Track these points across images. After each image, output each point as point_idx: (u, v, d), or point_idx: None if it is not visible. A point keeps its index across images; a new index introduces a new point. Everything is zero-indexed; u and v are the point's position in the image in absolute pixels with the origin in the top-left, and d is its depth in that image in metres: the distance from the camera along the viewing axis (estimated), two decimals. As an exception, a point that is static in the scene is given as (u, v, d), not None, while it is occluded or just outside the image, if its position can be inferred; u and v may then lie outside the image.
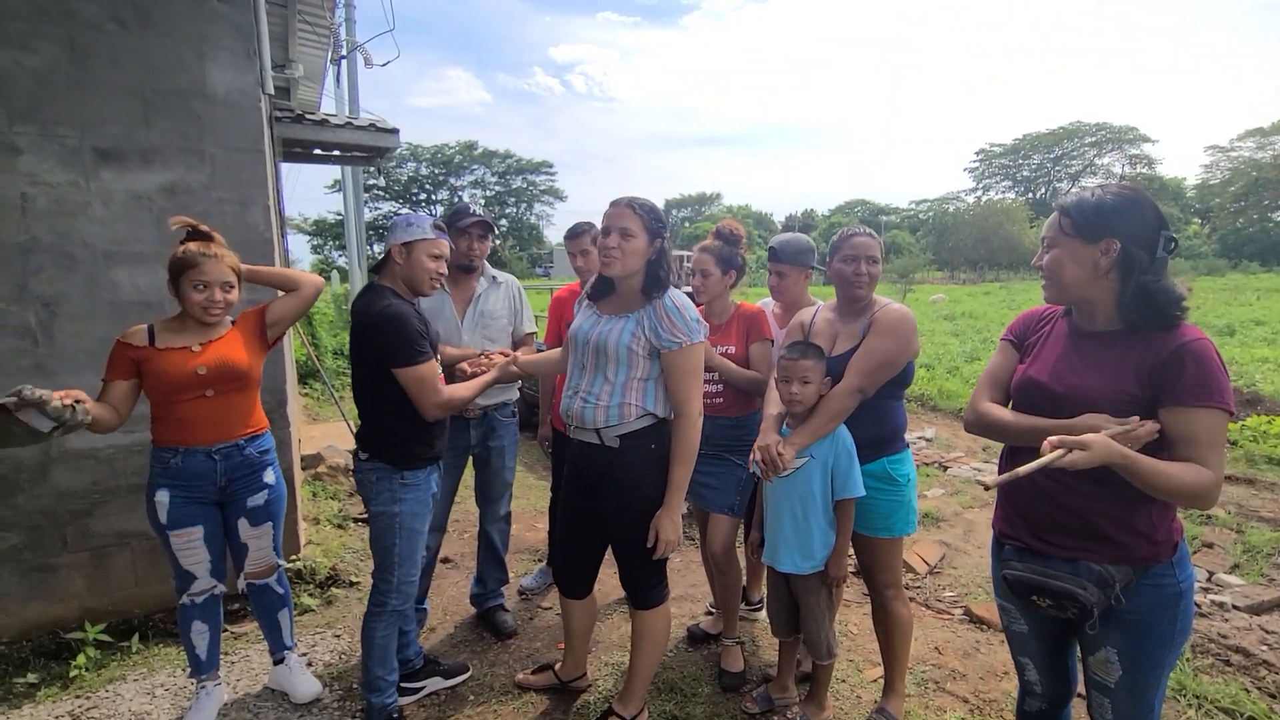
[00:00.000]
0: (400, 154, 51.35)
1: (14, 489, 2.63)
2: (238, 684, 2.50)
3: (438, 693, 2.46)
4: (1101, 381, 1.40)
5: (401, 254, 2.11)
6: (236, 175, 2.87)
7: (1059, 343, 1.54)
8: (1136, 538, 1.39)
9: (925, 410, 7.43)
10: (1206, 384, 1.30)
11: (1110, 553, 1.39)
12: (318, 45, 5.10)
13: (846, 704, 2.39)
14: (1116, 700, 1.46)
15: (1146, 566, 1.40)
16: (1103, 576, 1.37)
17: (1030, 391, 1.53)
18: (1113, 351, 1.42)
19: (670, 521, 1.98)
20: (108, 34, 2.61)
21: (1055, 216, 1.50)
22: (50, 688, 2.46)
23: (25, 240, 2.56)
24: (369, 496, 2.12)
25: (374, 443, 2.11)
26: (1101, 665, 1.46)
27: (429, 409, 2.05)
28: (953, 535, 3.94)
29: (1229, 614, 2.99)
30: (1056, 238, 1.48)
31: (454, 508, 2.91)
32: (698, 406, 1.98)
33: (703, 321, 2.01)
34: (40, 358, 2.61)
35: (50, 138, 2.56)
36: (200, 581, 2.21)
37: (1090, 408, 1.38)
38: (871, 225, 3.33)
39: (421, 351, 2.02)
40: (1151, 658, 1.41)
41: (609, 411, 1.97)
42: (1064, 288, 1.49)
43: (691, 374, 1.96)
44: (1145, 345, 1.38)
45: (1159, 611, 1.40)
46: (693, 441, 1.97)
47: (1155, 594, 1.40)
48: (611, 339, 1.96)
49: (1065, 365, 1.49)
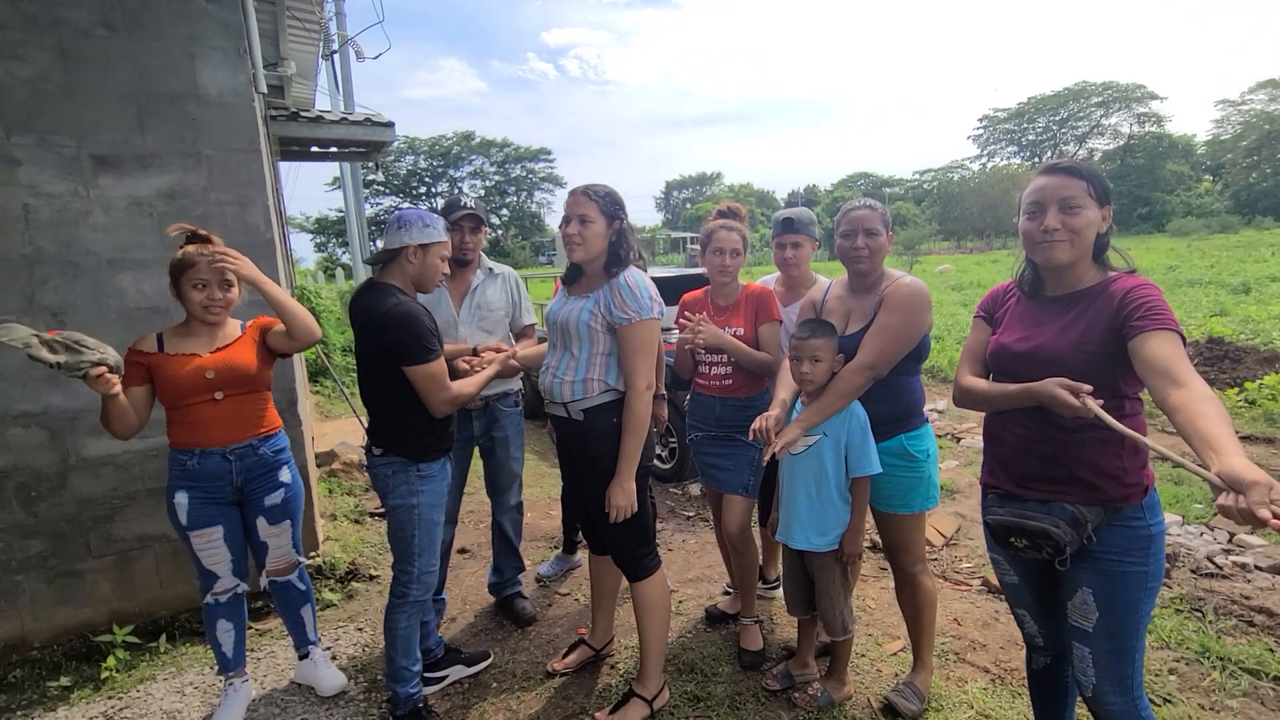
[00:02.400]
0: (397, 148, 51.12)
1: (35, 497, 2.67)
2: (264, 679, 2.55)
3: (461, 681, 2.49)
4: (1068, 340, 1.50)
5: (417, 255, 2.12)
6: (234, 176, 2.86)
7: (1026, 311, 1.63)
8: (1108, 479, 1.47)
9: (936, 382, 7.39)
10: (1157, 312, 1.38)
11: (1083, 494, 1.48)
12: (308, 41, 5.05)
13: (867, 678, 2.40)
14: (1097, 649, 1.52)
15: (1118, 508, 1.48)
16: (1075, 516, 1.46)
17: (1000, 357, 1.62)
18: (1079, 308, 1.52)
19: (620, 489, 2.02)
20: (98, 40, 2.60)
21: (1065, 179, 1.51)
22: (83, 690, 2.51)
23: (30, 252, 2.57)
24: (386, 491, 2.13)
25: (388, 438, 2.12)
26: (1079, 609, 1.54)
27: (438, 405, 2.06)
28: (968, 506, 3.93)
29: (1251, 574, 2.97)
30: (1082, 199, 1.49)
31: (469, 499, 2.93)
32: (646, 380, 2.02)
33: (657, 299, 2.05)
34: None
35: (48, 147, 2.56)
36: (223, 581, 2.24)
37: (1054, 365, 1.47)
38: (876, 198, 3.29)
39: (432, 350, 2.02)
40: (1126, 600, 1.49)
41: (574, 386, 2.07)
42: (1085, 248, 1.52)
43: (639, 349, 2.01)
44: (1103, 296, 1.49)
45: (1131, 552, 1.48)
46: (639, 413, 2.01)
47: (1127, 534, 1.48)
48: (573, 317, 2.07)
49: (1033, 329, 1.58)
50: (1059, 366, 1.45)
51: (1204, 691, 2.26)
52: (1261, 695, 2.24)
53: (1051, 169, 1.55)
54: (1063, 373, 1.41)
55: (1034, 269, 1.63)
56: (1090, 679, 1.53)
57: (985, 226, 45.56)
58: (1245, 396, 5.34)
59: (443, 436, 2.17)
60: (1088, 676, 1.54)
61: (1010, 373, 1.57)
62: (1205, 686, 2.29)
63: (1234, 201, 46.60)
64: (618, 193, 2.10)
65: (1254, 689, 2.27)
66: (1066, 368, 1.44)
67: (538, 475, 4.96)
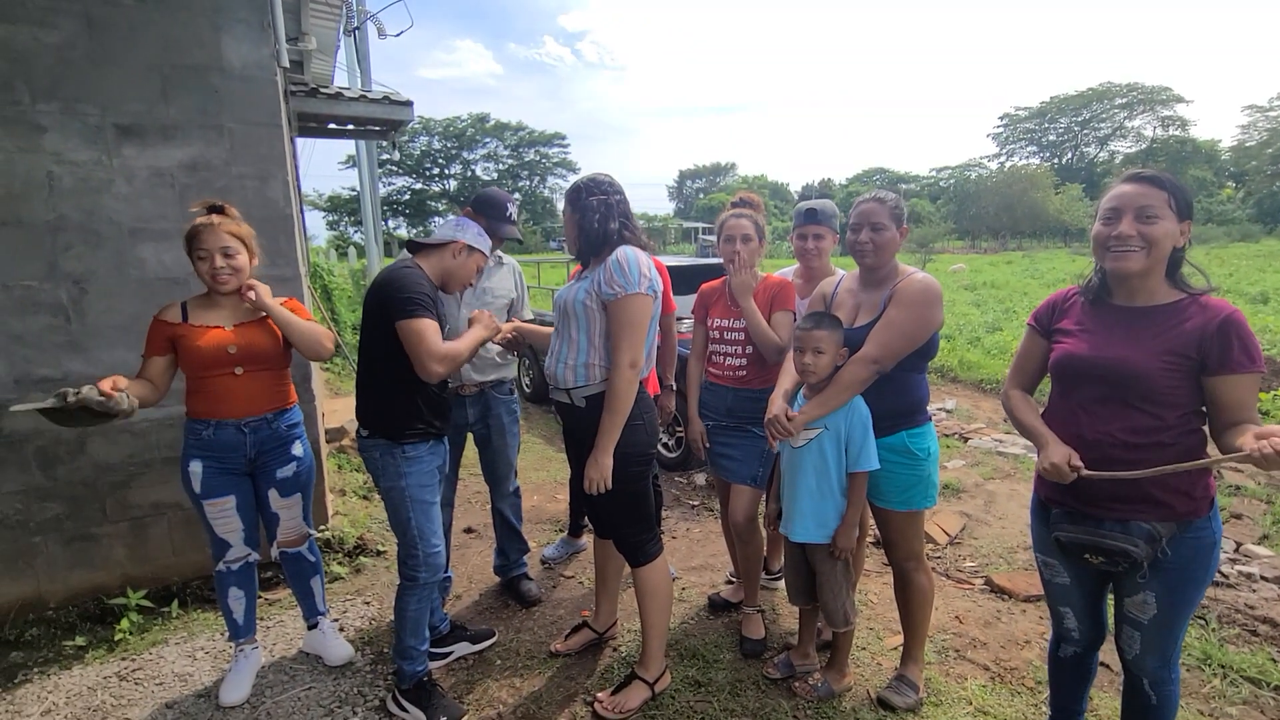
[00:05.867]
0: (412, 128, 51.06)
1: (54, 461, 2.72)
2: (274, 648, 2.60)
3: (465, 657, 2.53)
4: (1147, 352, 1.50)
5: (461, 253, 2.17)
6: (255, 150, 2.87)
7: (1094, 319, 1.63)
8: (1180, 496, 1.51)
9: (946, 381, 7.35)
10: (1250, 352, 1.44)
11: (1157, 512, 1.51)
12: (329, 17, 5.03)
13: (867, 670, 2.42)
14: (1147, 634, 1.61)
15: (1189, 521, 1.52)
16: (1151, 534, 1.51)
17: (1072, 367, 1.62)
18: (1156, 325, 1.52)
19: (594, 463, 2.01)
20: (124, 9, 2.60)
21: (1146, 188, 1.49)
22: (97, 650, 2.57)
23: (54, 219, 2.60)
24: (377, 473, 2.14)
25: (373, 418, 2.11)
26: (1138, 606, 1.60)
27: (428, 364, 1.96)
28: (973, 506, 3.93)
29: (1256, 584, 2.97)
30: (1161, 209, 1.48)
31: (476, 479, 2.95)
32: (630, 357, 1.98)
33: (648, 276, 2.03)
34: (73, 334, 2.67)
35: (73, 115, 2.58)
36: (235, 549, 2.28)
37: (1138, 378, 1.49)
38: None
39: (424, 307, 1.98)
40: (1185, 599, 1.57)
41: (575, 371, 2.08)
42: (1159, 259, 1.51)
43: (627, 324, 1.99)
44: (1189, 318, 1.49)
45: (1197, 559, 1.54)
46: (619, 390, 1.98)
47: (1195, 544, 1.53)
48: (570, 297, 2.10)
49: (1105, 339, 1.58)
50: (1142, 380, 1.49)
51: (1204, 698, 2.27)
52: (1262, 704, 2.24)
53: (1134, 177, 1.53)
54: (1144, 386, 1.48)
55: (1102, 277, 1.63)
56: (1135, 649, 1.64)
57: (1001, 227, 45.04)
58: (1260, 408, 5.29)
59: (428, 420, 2.13)
60: (1132, 648, 1.64)
61: (1082, 383, 1.59)
62: (1205, 693, 2.29)
63: (1256, 209, 45.80)
64: (585, 181, 2.15)
65: (1254, 697, 2.27)
66: (1150, 381, 1.48)
67: (544, 459, 4.99)
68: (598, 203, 2.09)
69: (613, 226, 2.08)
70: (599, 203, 2.09)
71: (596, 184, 2.13)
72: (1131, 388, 1.50)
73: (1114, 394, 1.53)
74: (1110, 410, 1.53)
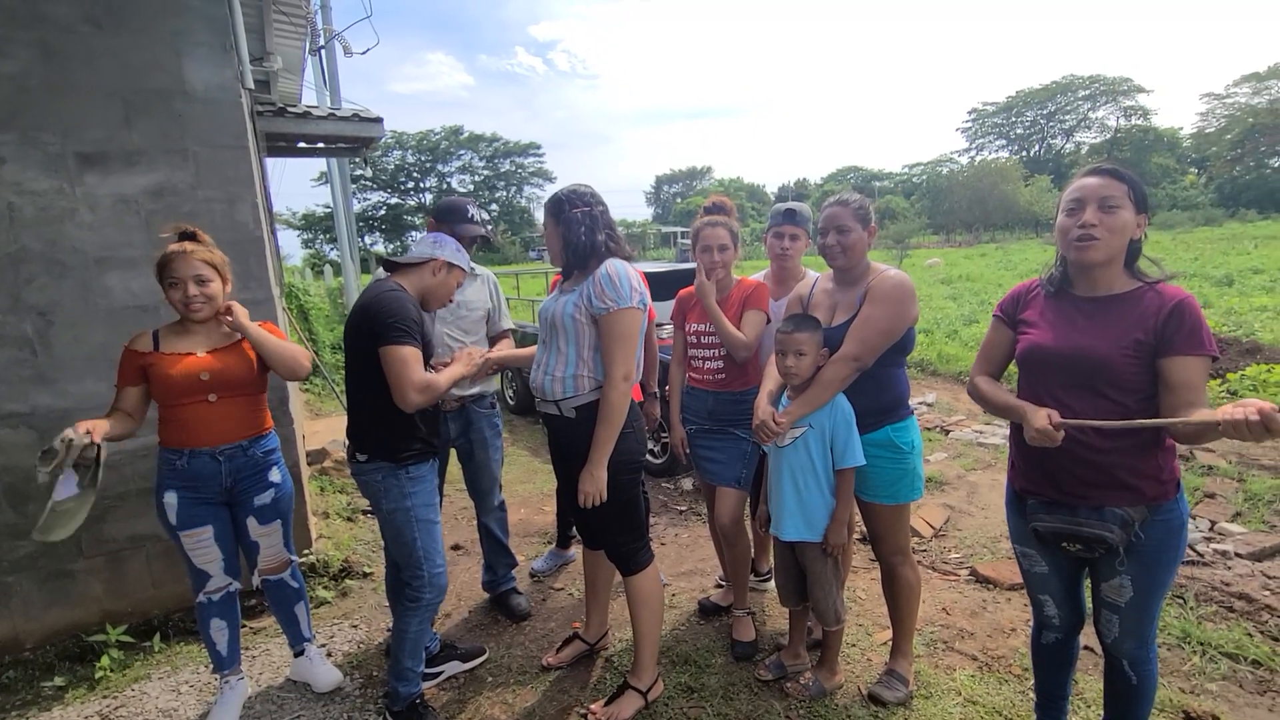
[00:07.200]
0: (385, 143, 50.76)
1: (25, 497, 2.65)
2: (260, 677, 2.55)
3: (456, 676, 2.50)
4: (1108, 340, 1.55)
5: (441, 270, 2.16)
6: (222, 173, 2.84)
7: (1056, 311, 1.68)
8: (1149, 480, 1.56)
9: (925, 375, 7.45)
10: (1199, 335, 1.48)
11: (1128, 497, 1.56)
12: (295, 36, 5.00)
13: (857, 667, 2.44)
14: (1125, 616, 1.66)
15: (1158, 504, 1.57)
16: (1124, 519, 1.55)
17: (1038, 357, 1.66)
18: (1114, 312, 1.58)
19: (589, 476, 2.02)
20: (81, 35, 2.57)
21: (1108, 180, 1.55)
22: (77, 689, 2.51)
23: (15, 250, 2.55)
24: (377, 496, 2.10)
25: (371, 442, 2.08)
26: (1115, 590, 1.65)
27: (407, 393, 1.94)
28: (956, 498, 3.98)
29: (1231, 561, 3.04)
30: (1122, 200, 1.54)
31: (461, 495, 2.93)
32: (623, 370, 2.01)
33: (638, 290, 2.05)
34: (40, 367, 2.61)
35: (32, 144, 2.53)
36: (215, 580, 2.24)
37: (1101, 365, 1.54)
38: (864, 192, 3.29)
39: (410, 334, 1.98)
40: (1159, 580, 1.62)
41: (564, 383, 2.08)
42: (1117, 247, 1.56)
43: (619, 338, 2.01)
44: (1143, 304, 1.55)
45: (1168, 541, 1.59)
46: (614, 403, 2.00)
47: (1165, 527, 1.58)
48: (559, 310, 2.10)
49: (1068, 329, 1.62)
50: (1104, 367, 1.54)
51: (1185, 675, 2.32)
52: (1240, 678, 2.30)
53: (1096, 170, 1.59)
54: (1109, 373, 1.53)
55: (1064, 268, 1.68)
56: (1114, 632, 1.69)
57: (974, 220, 45.84)
58: (1227, 388, 5.42)
59: (427, 437, 2.14)
60: (1111, 631, 1.70)
61: (1048, 372, 1.63)
62: (1186, 671, 2.34)
63: (1218, 194, 47.19)
64: (567, 192, 2.14)
65: (1233, 672, 2.32)
66: (1113, 368, 1.53)
67: (530, 471, 4.97)
68: (582, 215, 2.09)
69: (599, 239, 2.09)
70: (583, 214, 2.09)
71: (579, 195, 2.13)
72: (1096, 375, 1.55)
73: (1079, 381, 1.58)
74: (1076, 397, 1.57)
